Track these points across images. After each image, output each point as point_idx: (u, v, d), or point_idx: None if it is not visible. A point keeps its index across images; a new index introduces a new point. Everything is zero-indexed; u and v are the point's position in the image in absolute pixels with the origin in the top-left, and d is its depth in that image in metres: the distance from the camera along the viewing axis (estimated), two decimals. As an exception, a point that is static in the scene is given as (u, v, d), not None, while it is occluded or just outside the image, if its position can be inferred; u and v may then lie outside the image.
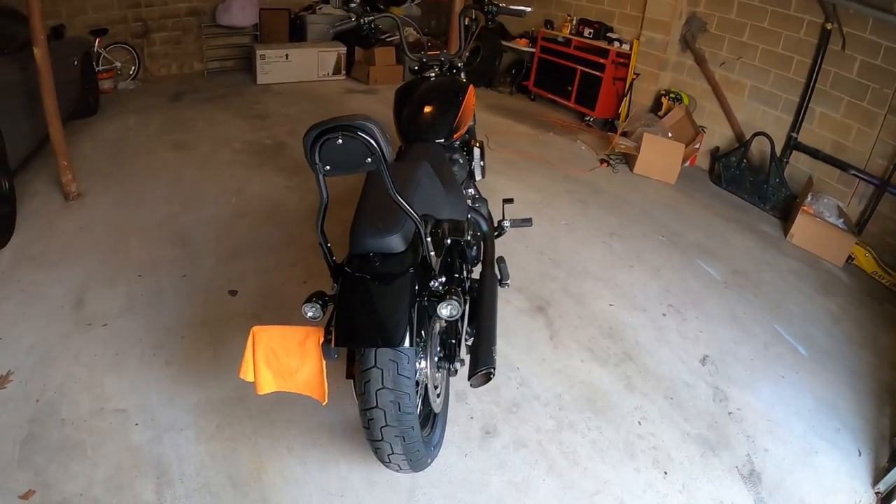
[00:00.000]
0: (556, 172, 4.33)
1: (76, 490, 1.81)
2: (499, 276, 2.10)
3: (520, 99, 6.21)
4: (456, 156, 2.34)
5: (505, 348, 2.45)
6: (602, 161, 4.57)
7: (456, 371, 1.77)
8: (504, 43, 6.20)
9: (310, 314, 1.42)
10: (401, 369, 1.39)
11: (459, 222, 1.84)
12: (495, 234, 2.53)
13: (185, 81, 6.25)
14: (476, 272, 2.19)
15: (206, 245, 3.13)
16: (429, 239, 1.43)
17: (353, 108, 5.48)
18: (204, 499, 1.77)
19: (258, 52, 5.88)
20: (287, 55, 5.95)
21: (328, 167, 1.30)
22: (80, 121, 4.80)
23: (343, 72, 6.35)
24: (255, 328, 1.42)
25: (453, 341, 1.85)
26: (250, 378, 1.43)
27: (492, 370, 1.56)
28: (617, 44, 5.14)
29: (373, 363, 1.38)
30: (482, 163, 2.57)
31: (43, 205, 3.43)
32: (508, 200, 2.73)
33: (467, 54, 6.17)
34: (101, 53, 5.44)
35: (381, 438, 1.44)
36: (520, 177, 4.17)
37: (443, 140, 2.21)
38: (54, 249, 3.02)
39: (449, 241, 1.73)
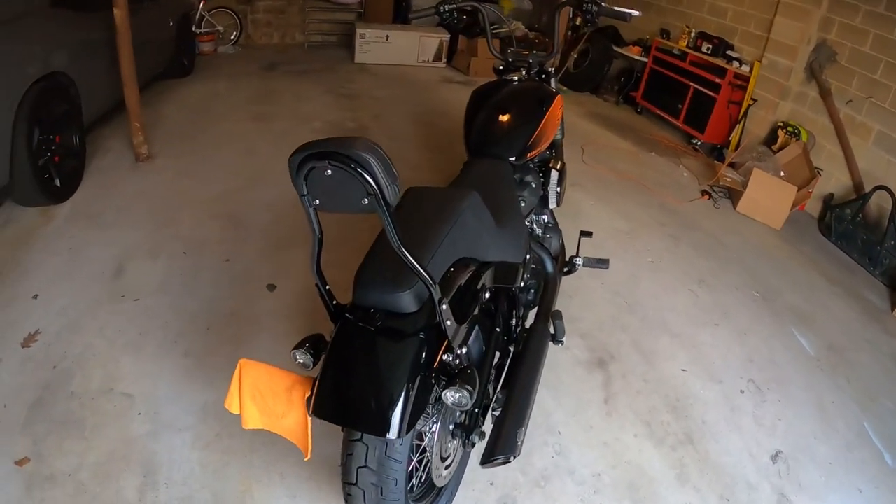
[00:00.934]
0: (651, 199, 4.06)
1: (66, 469, 1.83)
2: (552, 332, 1.89)
3: (625, 110, 5.93)
4: (528, 178, 2.12)
5: (550, 405, 2.26)
6: (704, 192, 4.25)
7: (473, 444, 1.58)
8: (616, 49, 5.97)
9: (300, 360, 1.28)
10: (390, 450, 1.24)
11: (511, 267, 1.65)
12: (565, 270, 2.33)
13: (283, 52, 6.46)
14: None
15: (258, 229, 3.15)
16: (444, 307, 1.19)
17: (447, 99, 5.41)
18: (182, 513, 1.74)
19: (358, 31, 5.97)
20: (388, 36, 6.00)
21: (317, 201, 1.10)
22: (173, 81, 5.05)
23: (444, 60, 6.32)
24: (243, 361, 1.32)
25: (477, 410, 1.63)
26: (235, 410, 1.35)
27: (511, 458, 1.40)
28: (736, 64, 4.81)
29: (358, 436, 1.24)
30: (559, 189, 2.32)
31: (113, 163, 3.61)
32: (587, 234, 2.52)
33: (575, 55, 6.02)
34: (204, 16, 5.72)
35: None
36: (610, 199, 3.94)
37: (514, 158, 2.00)
38: (111, 211, 3.15)
39: (488, 294, 1.53)
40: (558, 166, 2.32)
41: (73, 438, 1.94)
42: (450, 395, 1.20)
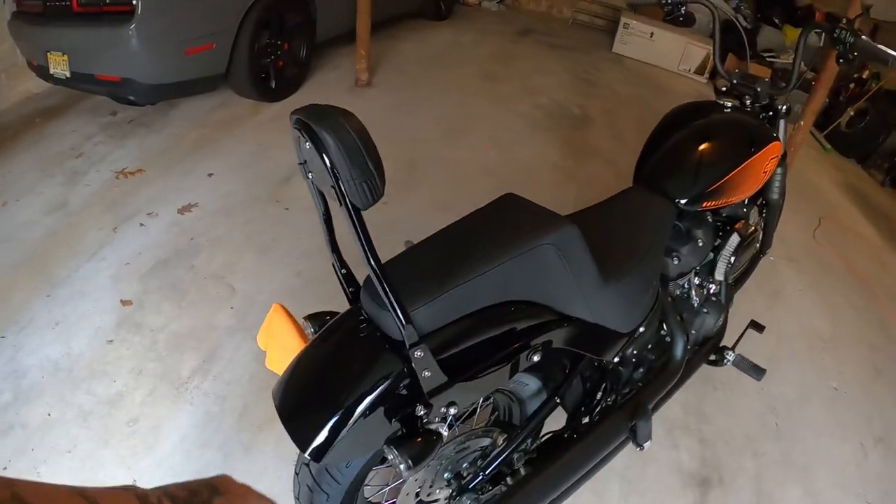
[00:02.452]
0: (873, 310, 3.33)
1: (152, 325, 2.15)
2: (633, 429, 1.54)
3: (890, 195, 4.91)
4: (697, 232, 1.71)
5: (613, 499, 1.96)
6: (941, 329, 3.39)
7: None
8: (902, 118, 4.98)
9: (309, 331, 1.24)
10: (330, 466, 1.16)
11: (605, 335, 1.36)
12: (711, 359, 1.97)
13: (544, 21, 6.50)
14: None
15: (429, 183, 3.24)
16: (418, 353, 0.98)
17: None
18: (213, 407, 1.92)
19: (623, 20, 5.79)
20: (652, 33, 5.72)
21: (311, 174, 1.00)
22: (425, 22, 5.40)
23: (706, 75, 5.85)
24: (276, 305, 1.37)
25: (483, 473, 1.40)
26: (262, 347, 1.44)
27: None
28: None
29: None
30: (733, 259, 1.84)
31: (332, 81, 3.99)
32: (757, 327, 2.14)
33: (852, 112, 5.12)
34: (477, -33, 6.01)
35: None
36: (824, 293, 3.33)
37: (684, 201, 1.64)
38: (309, 122, 3.50)
39: (538, 356, 1.20)
40: (748, 231, 1.82)
41: (171, 304, 2.25)
42: (388, 453, 1.02)
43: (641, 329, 1.51)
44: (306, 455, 1.00)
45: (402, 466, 0.99)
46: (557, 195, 3.40)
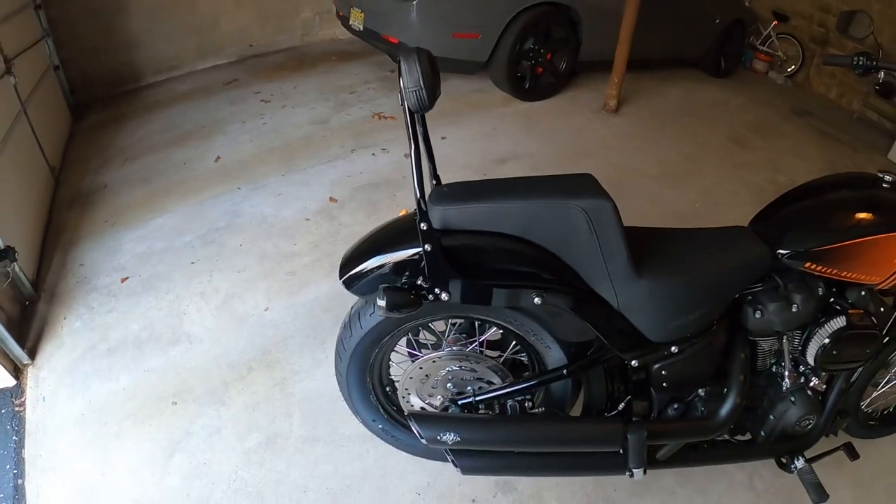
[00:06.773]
0: None
1: (342, 221, 2.56)
2: (624, 446, 1.45)
3: None
4: (796, 295, 1.43)
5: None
6: None
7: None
8: None
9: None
10: (363, 309, 1.38)
11: (625, 329, 1.35)
12: (782, 460, 1.66)
13: (826, 108, 5.77)
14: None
15: (619, 209, 3.19)
16: (423, 226, 1.18)
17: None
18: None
19: None
20: None
21: None
22: (700, 75, 5.21)
23: None
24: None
25: (474, 399, 1.47)
26: None
27: None
28: None
29: None
30: (827, 342, 1.45)
31: (583, 99, 4.11)
32: (852, 453, 1.69)
33: None
34: (771, 36, 5.63)
35: None
36: None
37: (785, 252, 1.40)
38: (551, 125, 3.66)
39: (539, 299, 1.28)
40: (861, 321, 1.45)
41: (363, 213, 2.63)
42: (378, 292, 1.19)
43: (674, 349, 1.41)
44: (341, 281, 1.29)
45: (379, 303, 1.18)
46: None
